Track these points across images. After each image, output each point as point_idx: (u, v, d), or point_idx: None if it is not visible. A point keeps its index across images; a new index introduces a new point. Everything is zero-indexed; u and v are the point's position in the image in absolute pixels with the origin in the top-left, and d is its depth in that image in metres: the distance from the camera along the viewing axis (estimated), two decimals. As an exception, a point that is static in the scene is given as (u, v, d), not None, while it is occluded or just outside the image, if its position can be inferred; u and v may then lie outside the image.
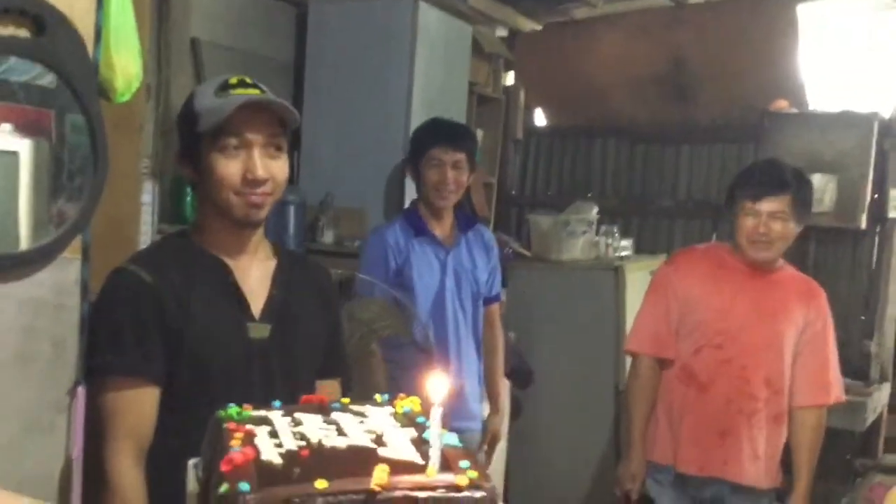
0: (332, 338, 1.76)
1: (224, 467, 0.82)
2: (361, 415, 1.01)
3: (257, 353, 1.57)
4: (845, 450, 4.11)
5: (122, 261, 1.59)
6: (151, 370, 1.50)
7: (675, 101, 5.51)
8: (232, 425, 0.93)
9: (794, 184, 2.46)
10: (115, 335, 1.50)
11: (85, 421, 1.55)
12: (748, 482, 2.52)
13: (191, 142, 1.55)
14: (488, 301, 2.98)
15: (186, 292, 1.53)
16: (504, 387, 3.24)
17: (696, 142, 5.50)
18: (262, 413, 0.99)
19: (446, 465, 0.84)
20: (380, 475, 0.79)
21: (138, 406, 1.50)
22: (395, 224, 2.81)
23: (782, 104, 4.39)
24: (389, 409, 1.02)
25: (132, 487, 1.47)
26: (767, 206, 2.43)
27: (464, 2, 4.41)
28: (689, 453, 2.55)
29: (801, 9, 4.44)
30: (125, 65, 1.61)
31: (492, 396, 3.01)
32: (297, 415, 1.00)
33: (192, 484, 0.90)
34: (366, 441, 0.90)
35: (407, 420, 0.99)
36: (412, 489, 0.80)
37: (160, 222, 3.02)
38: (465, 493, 0.81)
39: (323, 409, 1.03)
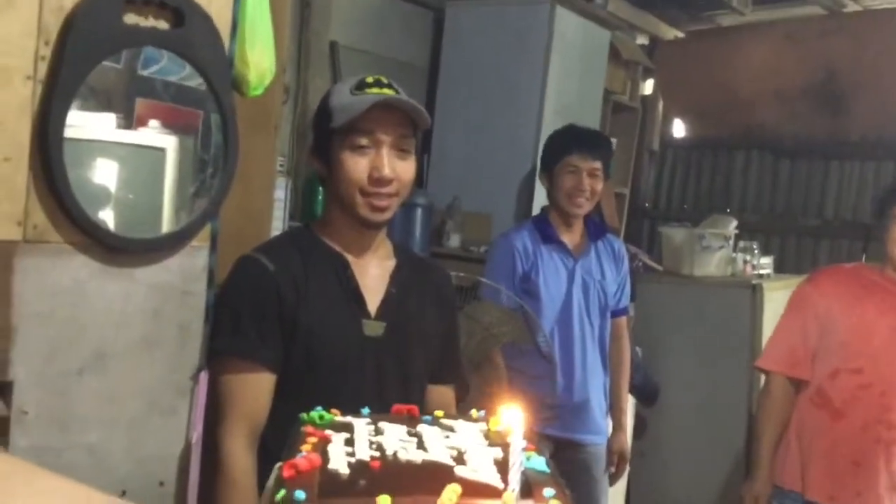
0: (448, 343, 1.73)
1: (286, 473, 0.78)
2: (450, 429, 0.94)
3: (371, 350, 1.56)
4: None
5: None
6: (268, 355, 1.52)
7: (826, 114, 5.22)
8: (309, 429, 0.90)
9: None
10: (236, 319, 1.53)
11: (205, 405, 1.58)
12: None
13: (324, 137, 1.57)
14: (616, 314, 2.88)
15: (305, 283, 1.54)
16: (628, 404, 3.12)
17: (846, 157, 5.19)
18: (346, 419, 0.94)
19: (528, 491, 0.77)
20: (449, 496, 0.73)
21: (253, 390, 1.52)
22: (524, 229, 2.77)
23: (946, 119, 4.07)
24: (482, 425, 0.95)
25: (243, 470, 1.49)
26: None
27: (603, 7, 4.33)
28: (820, 481, 2.41)
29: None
30: (259, 59, 1.64)
31: (615, 413, 2.91)
32: (382, 424, 0.94)
33: (270, 481, 0.87)
34: (445, 458, 0.84)
35: (498, 439, 0.91)
36: None
37: (291, 219, 3.09)
38: None
39: (411, 420, 0.97)
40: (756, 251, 3.88)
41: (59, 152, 1.36)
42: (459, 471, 0.80)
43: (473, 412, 0.98)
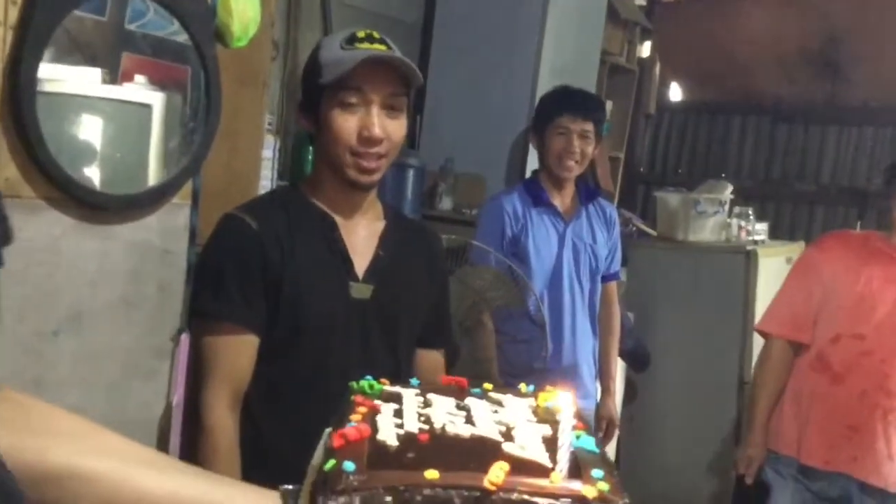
0: (437, 307, 1.70)
1: (336, 443, 0.75)
2: (498, 403, 0.91)
3: (358, 313, 1.52)
4: None
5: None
6: (251, 317, 1.48)
7: (825, 79, 5.16)
8: (359, 398, 0.86)
9: None
10: (218, 279, 1.48)
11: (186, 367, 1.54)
12: (878, 482, 2.35)
13: (313, 93, 1.51)
14: (607, 279, 2.86)
15: (290, 243, 1.50)
16: (617, 369, 3.11)
17: (845, 123, 5.14)
18: (396, 389, 0.91)
19: (576, 471, 0.74)
20: (496, 473, 0.70)
21: (236, 352, 1.48)
22: (514, 192, 2.73)
23: (948, 85, 4.01)
24: (531, 401, 0.92)
25: (224, 432, 1.46)
26: None
27: (601, -35, 4.23)
28: (816, 446, 2.43)
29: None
30: (243, 9, 1.58)
31: (604, 379, 2.89)
32: (430, 396, 0.91)
33: (319, 451, 0.84)
34: (493, 433, 0.81)
35: (547, 416, 0.88)
36: (531, 493, 0.70)
37: (279, 179, 3.02)
38: None
39: (460, 393, 0.94)
40: (751, 217, 3.85)
41: (31, 103, 1.30)
42: (507, 447, 0.78)
43: (522, 386, 0.95)
